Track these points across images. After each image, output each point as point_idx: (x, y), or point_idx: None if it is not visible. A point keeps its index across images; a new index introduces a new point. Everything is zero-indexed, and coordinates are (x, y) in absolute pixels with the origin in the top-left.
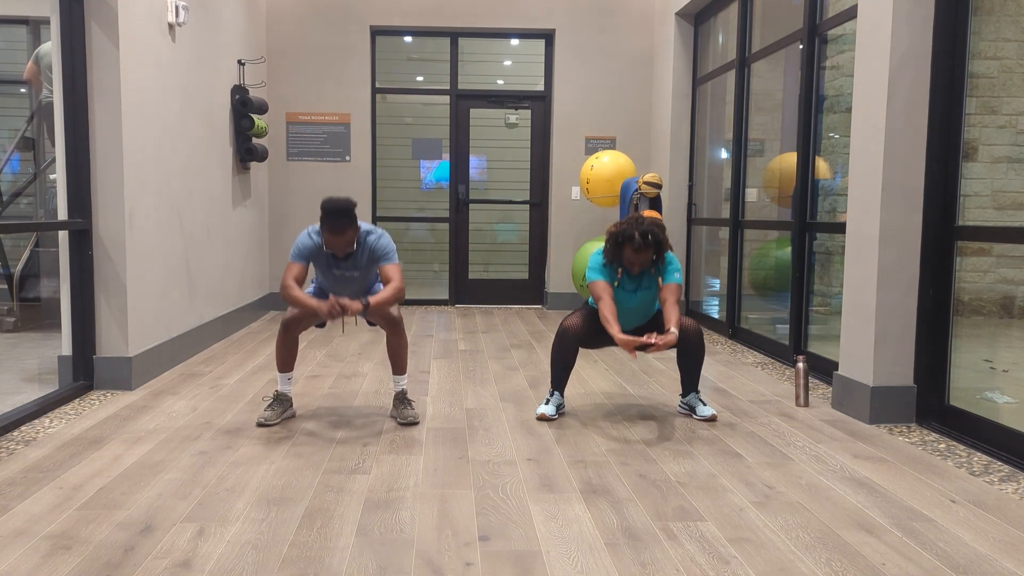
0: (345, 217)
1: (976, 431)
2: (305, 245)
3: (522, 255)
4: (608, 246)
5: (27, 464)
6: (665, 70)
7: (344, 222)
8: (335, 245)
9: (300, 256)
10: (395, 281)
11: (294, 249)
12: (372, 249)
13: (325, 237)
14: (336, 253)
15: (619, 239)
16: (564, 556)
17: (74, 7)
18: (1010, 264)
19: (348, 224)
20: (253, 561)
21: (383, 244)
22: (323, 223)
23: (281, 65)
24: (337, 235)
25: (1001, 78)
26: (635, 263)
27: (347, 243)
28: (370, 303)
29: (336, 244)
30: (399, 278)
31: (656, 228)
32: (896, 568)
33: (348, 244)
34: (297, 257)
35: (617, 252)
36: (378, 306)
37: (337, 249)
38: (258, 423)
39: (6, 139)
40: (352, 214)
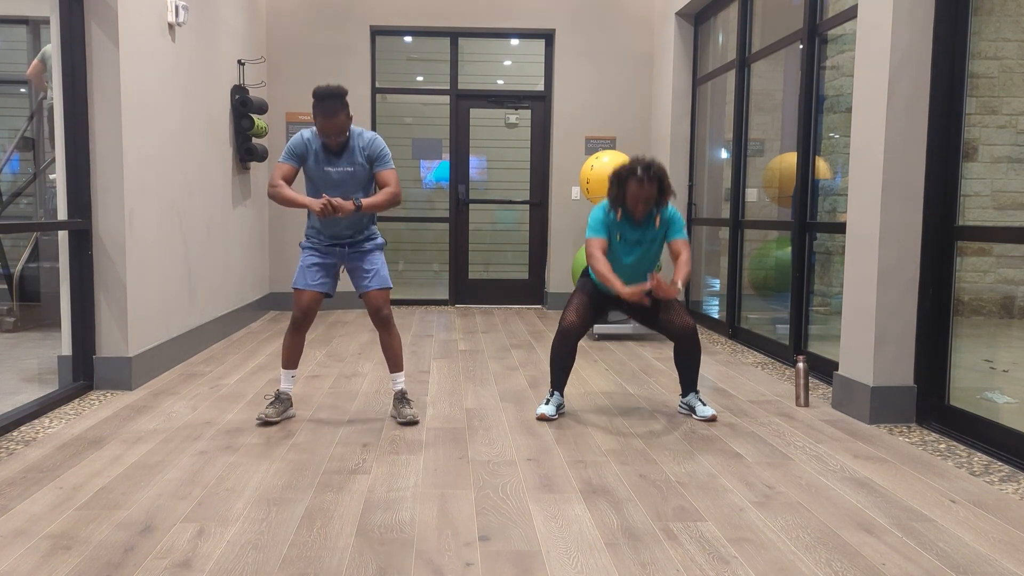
0: (337, 99)
1: (976, 431)
2: (297, 143)
3: (522, 255)
4: (612, 186)
5: (27, 464)
6: (665, 70)
7: (336, 104)
8: (328, 129)
9: (291, 155)
10: (391, 186)
11: (286, 148)
12: (367, 145)
13: (318, 124)
14: (329, 141)
15: (622, 174)
16: (564, 556)
17: (74, 7)
18: (1010, 264)
19: (340, 107)
20: (253, 561)
21: (379, 144)
22: (315, 107)
23: (281, 65)
24: (330, 118)
25: (1001, 78)
26: (639, 199)
27: (340, 127)
28: (363, 204)
29: (329, 128)
30: (396, 183)
31: (658, 165)
32: (896, 568)
33: (341, 130)
34: (288, 156)
35: (621, 191)
36: (371, 207)
37: (330, 134)
38: (258, 419)
39: (6, 139)
40: (343, 99)
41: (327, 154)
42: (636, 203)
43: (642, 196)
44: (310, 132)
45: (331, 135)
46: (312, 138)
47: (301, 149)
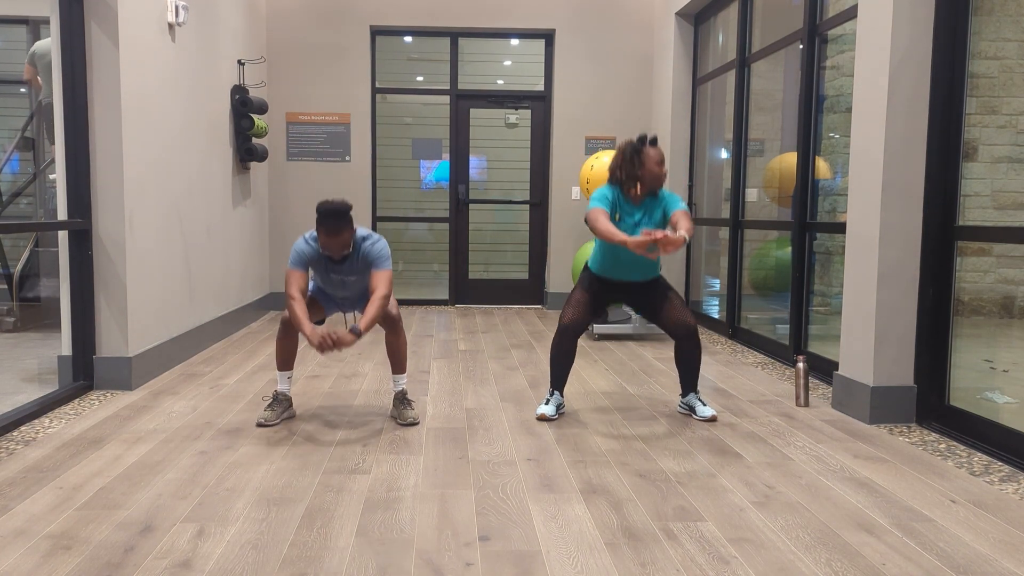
0: (341, 219)
1: (976, 431)
2: (302, 251)
3: (522, 255)
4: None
5: (27, 464)
6: (665, 70)
7: (340, 223)
8: (331, 247)
9: (299, 263)
10: (380, 289)
11: (292, 256)
12: (367, 254)
13: (321, 239)
14: (332, 256)
15: (633, 146)
16: (564, 556)
17: (74, 7)
18: (1010, 264)
19: (344, 226)
20: (253, 561)
21: (377, 249)
22: (319, 225)
23: (281, 65)
24: (333, 236)
25: (1001, 78)
26: (659, 159)
27: (343, 245)
28: (361, 332)
29: (332, 246)
30: (385, 285)
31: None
32: (896, 568)
33: (344, 246)
34: (296, 264)
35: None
36: (369, 326)
37: (333, 251)
38: (258, 424)
39: (6, 139)
40: (348, 216)
41: (331, 262)
42: (658, 166)
43: (659, 157)
44: (312, 240)
45: (333, 251)
46: (312, 247)
47: (306, 258)
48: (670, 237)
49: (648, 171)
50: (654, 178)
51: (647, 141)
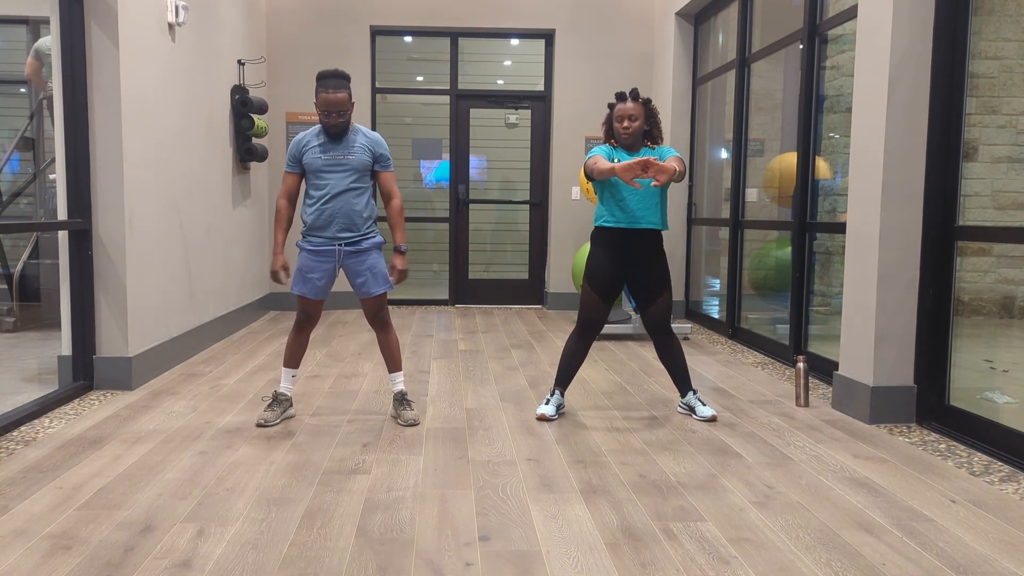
0: (341, 78)
1: (976, 431)
2: (293, 144)
3: (522, 255)
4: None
5: (27, 464)
6: (665, 70)
7: (340, 81)
8: (330, 104)
9: (291, 160)
10: (396, 197)
11: (287, 154)
12: (372, 142)
13: (322, 98)
14: (331, 120)
15: (611, 105)
16: (564, 556)
17: (74, 7)
18: (1010, 264)
19: (343, 85)
20: (253, 561)
21: (383, 143)
22: (319, 86)
23: (281, 65)
24: (333, 93)
25: (1001, 78)
26: (628, 115)
27: (342, 104)
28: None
29: (331, 103)
30: (396, 189)
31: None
32: (896, 568)
33: (343, 105)
34: (290, 163)
35: (611, 123)
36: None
37: (332, 109)
38: (257, 424)
39: (6, 139)
40: (347, 80)
41: (324, 144)
42: (629, 123)
43: (631, 112)
44: (310, 130)
45: (332, 112)
46: (308, 135)
47: (297, 149)
48: (656, 162)
49: (615, 129)
50: (616, 133)
51: (622, 96)
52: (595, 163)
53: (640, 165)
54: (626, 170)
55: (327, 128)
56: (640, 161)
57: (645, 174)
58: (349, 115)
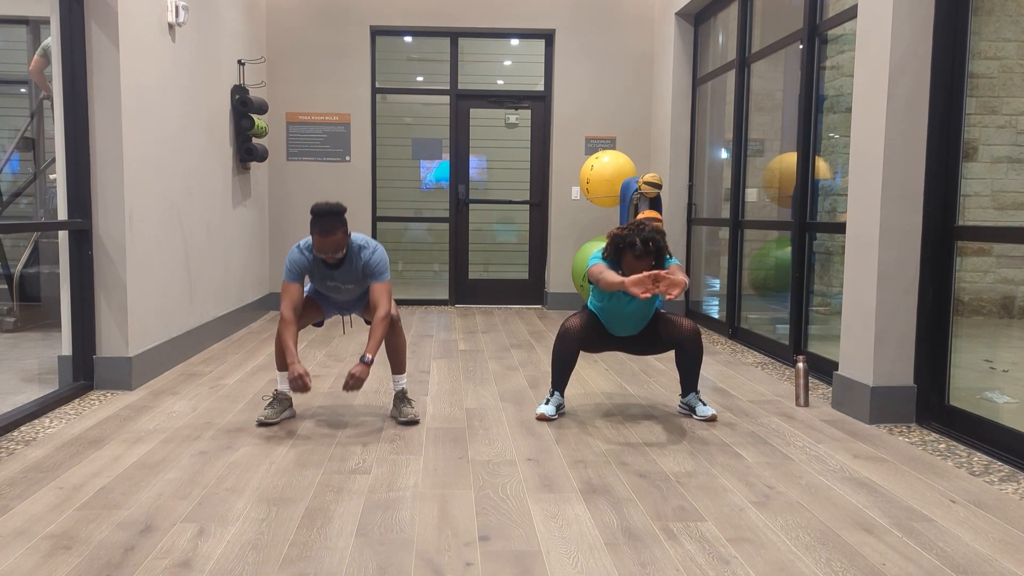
0: (333, 217)
1: (976, 431)
2: (296, 261)
3: (522, 255)
4: (609, 249)
5: (27, 464)
6: (665, 70)
7: (333, 222)
8: (325, 247)
9: (293, 274)
10: (382, 307)
11: (286, 267)
12: (366, 263)
13: (315, 242)
14: (326, 258)
15: (620, 244)
16: (564, 556)
17: (74, 7)
18: (1010, 264)
19: (336, 225)
20: (253, 561)
21: (376, 259)
22: (312, 225)
23: (281, 65)
24: (327, 236)
25: (1001, 78)
26: (635, 270)
27: (336, 245)
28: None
29: (325, 246)
30: (387, 301)
31: (657, 235)
32: (896, 568)
33: (337, 247)
34: (290, 275)
35: (617, 257)
36: (376, 349)
37: (327, 252)
38: (258, 422)
39: (6, 139)
40: (341, 216)
41: (326, 267)
42: (631, 273)
43: (638, 268)
44: (307, 248)
45: (327, 253)
46: (309, 255)
47: (300, 267)
48: (667, 276)
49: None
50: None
51: (635, 247)
52: (600, 273)
53: (651, 279)
54: (636, 284)
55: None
56: (651, 275)
57: (657, 288)
58: (344, 249)
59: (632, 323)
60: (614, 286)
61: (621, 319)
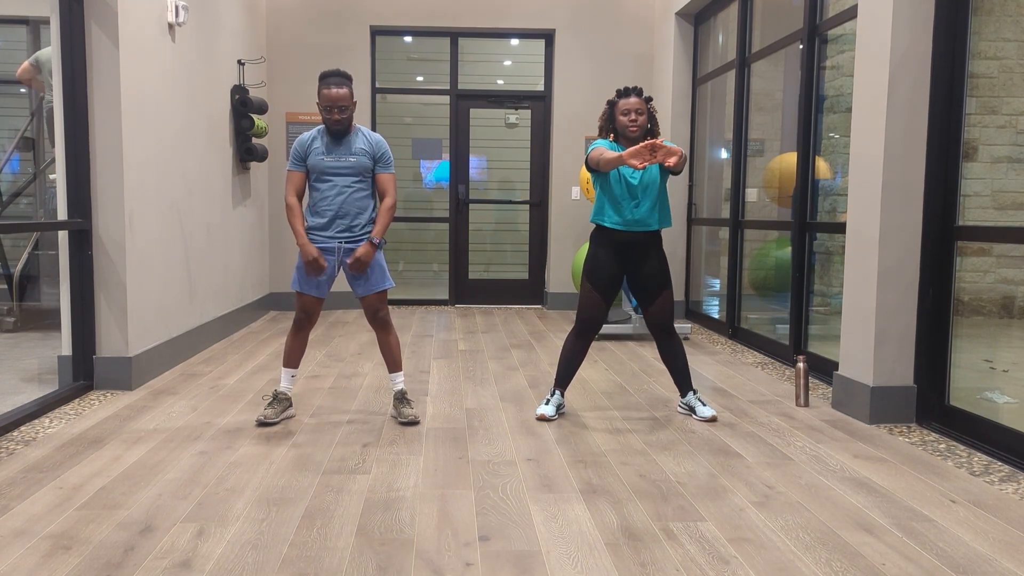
0: (344, 76)
1: (976, 431)
2: (297, 144)
3: (522, 255)
4: (603, 117)
5: (27, 464)
6: (665, 70)
7: (341, 79)
8: (332, 100)
9: (297, 157)
10: (390, 195)
11: (292, 150)
12: (373, 144)
13: (322, 96)
14: (332, 116)
15: (611, 102)
16: (564, 556)
17: (74, 7)
18: (1010, 264)
19: (346, 82)
20: (253, 561)
21: (385, 145)
22: (321, 84)
23: (281, 65)
24: (336, 89)
25: (1001, 78)
26: (631, 110)
27: (344, 99)
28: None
29: (333, 99)
30: (394, 189)
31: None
32: (896, 568)
33: (345, 102)
34: (295, 161)
35: (611, 113)
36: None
37: (334, 108)
38: (257, 421)
39: (6, 139)
40: (350, 79)
41: (327, 145)
42: (630, 120)
43: (633, 108)
44: (314, 130)
45: (334, 108)
46: (314, 134)
47: (302, 148)
48: (663, 144)
49: (617, 121)
50: (622, 128)
51: (625, 92)
52: (600, 154)
53: (648, 148)
54: (634, 155)
55: (329, 126)
56: (648, 144)
57: (654, 157)
58: (351, 113)
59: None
60: (613, 162)
61: (631, 201)
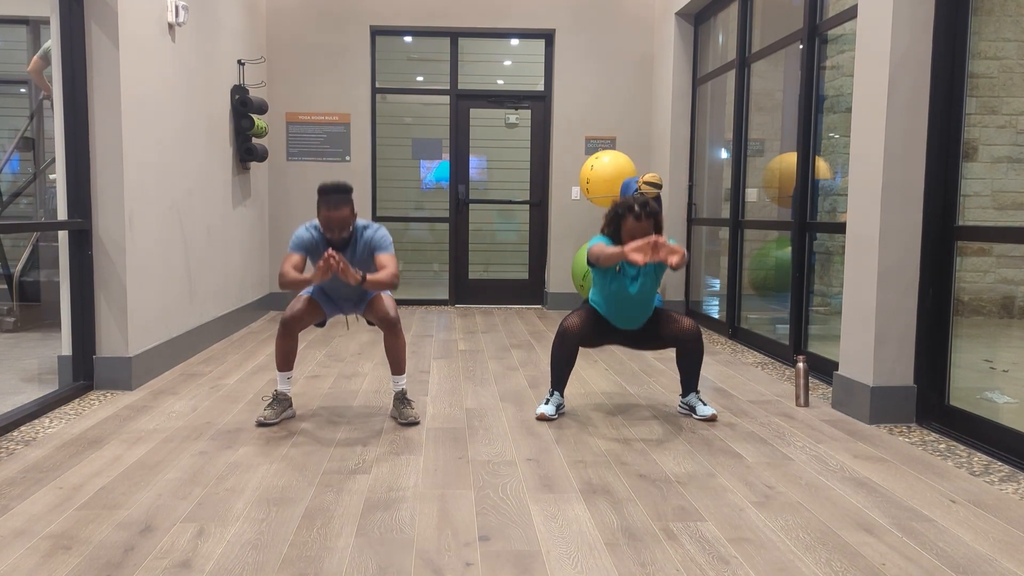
0: (341, 194)
1: (976, 431)
2: (302, 237)
3: (522, 255)
4: (607, 222)
5: (27, 464)
6: (665, 70)
7: (341, 198)
8: (332, 222)
9: (298, 247)
10: (390, 268)
11: (292, 241)
12: (369, 240)
13: (322, 217)
14: (333, 235)
15: (619, 210)
16: (564, 556)
17: (74, 7)
18: (1010, 264)
19: (344, 201)
20: (253, 561)
21: (380, 235)
22: (320, 201)
23: (281, 65)
24: (334, 211)
25: (1001, 78)
26: (635, 234)
27: (343, 221)
28: (367, 278)
29: (333, 220)
30: (394, 266)
31: (654, 201)
32: (896, 568)
33: (344, 223)
34: (296, 248)
35: (616, 226)
36: (373, 284)
37: (334, 227)
38: (257, 422)
39: (6, 139)
40: (348, 194)
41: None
42: (632, 239)
43: (639, 231)
44: (314, 228)
45: (334, 228)
46: (316, 234)
47: (308, 244)
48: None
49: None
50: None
51: (633, 210)
52: (601, 249)
53: (651, 245)
54: (636, 250)
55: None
56: (651, 240)
57: (657, 254)
58: (350, 226)
59: (635, 311)
60: (614, 257)
61: (624, 307)
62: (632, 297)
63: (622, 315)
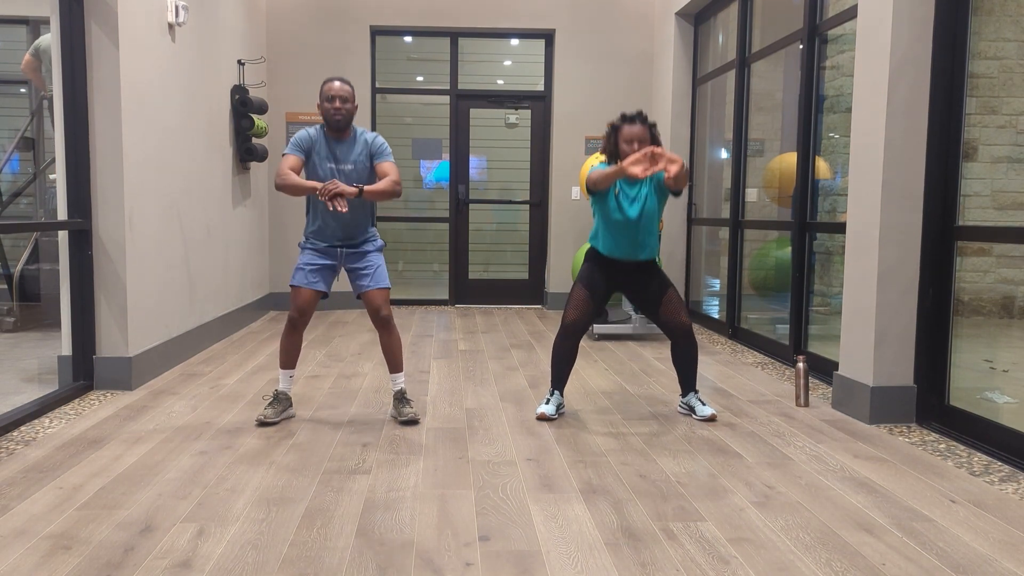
0: (347, 81)
1: (976, 431)
2: (302, 137)
3: (522, 255)
4: (606, 141)
5: (27, 464)
6: (665, 70)
7: (346, 82)
8: (335, 91)
9: (297, 147)
10: (392, 175)
11: (291, 142)
12: (368, 143)
13: (324, 91)
14: (334, 116)
15: (614, 124)
16: (564, 556)
17: (74, 7)
18: (1010, 264)
19: (350, 85)
20: (253, 561)
21: (380, 142)
22: (324, 85)
23: (281, 65)
24: (338, 81)
25: (1001, 78)
26: (634, 139)
27: (347, 95)
28: (365, 190)
29: (336, 90)
30: (396, 174)
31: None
32: (896, 568)
33: (346, 94)
34: (294, 148)
35: (615, 140)
36: (372, 194)
37: (336, 95)
38: (258, 420)
39: (6, 139)
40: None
41: (330, 150)
42: (629, 144)
43: (636, 136)
44: (314, 128)
45: (336, 98)
46: (316, 134)
47: (307, 142)
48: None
49: (621, 150)
50: (624, 156)
51: (625, 118)
52: (599, 172)
53: (648, 155)
54: (634, 163)
55: (329, 119)
56: (648, 150)
57: (656, 165)
58: (352, 112)
59: (637, 237)
60: (612, 175)
61: (625, 233)
62: (633, 221)
63: (624, 244)
